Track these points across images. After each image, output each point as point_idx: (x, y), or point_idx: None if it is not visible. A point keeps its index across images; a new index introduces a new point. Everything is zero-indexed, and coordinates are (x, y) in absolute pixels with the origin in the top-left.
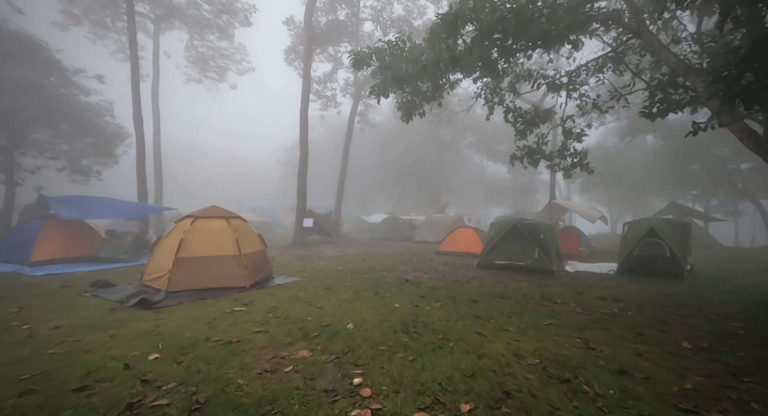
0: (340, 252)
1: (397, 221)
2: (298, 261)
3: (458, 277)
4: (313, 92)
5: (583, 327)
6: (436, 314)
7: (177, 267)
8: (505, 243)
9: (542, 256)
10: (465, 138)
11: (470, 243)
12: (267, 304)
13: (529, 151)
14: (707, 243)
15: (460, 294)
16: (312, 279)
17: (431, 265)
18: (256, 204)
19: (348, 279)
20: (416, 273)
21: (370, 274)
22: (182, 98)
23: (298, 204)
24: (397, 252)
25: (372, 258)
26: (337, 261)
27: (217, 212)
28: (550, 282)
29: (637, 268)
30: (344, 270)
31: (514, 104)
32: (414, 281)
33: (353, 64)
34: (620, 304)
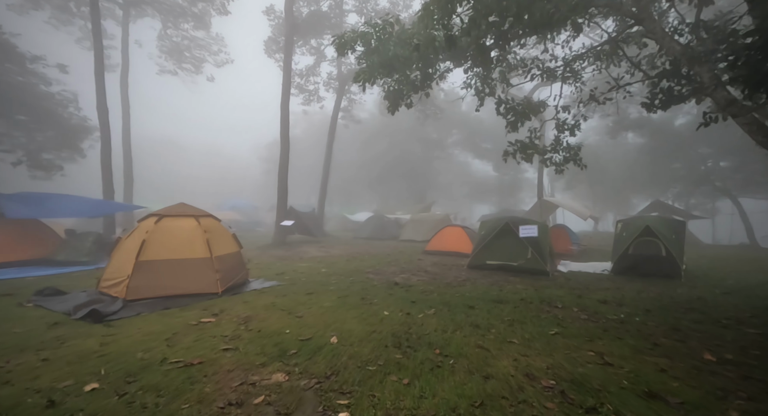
0: (324, 252)
1: (382, 219)
2: (278, 263)
3: (449, 279)
4: (295, 86)
5: (593, 337)
6: (431, 323)
7: (138, 273)
8: (496, 242)
9: (536, 256)
10: (451, 135)
11: (459, 243)
12: (240, 314)
13: (522, 145)
14: (689, 241)
15: (453, 299)
16: (292, 283)
17: (420, 266)
18: (236, 202)
19: (332, 282)
20: (405, 274)
21: (355, 277)
22: (158, 91)
23: (279, 202)
24: (384, 252)
25: (357, 259)
26: (320, 263)
27: (185, 210)
28: (546, 283)
29: (632, 268)
30: (328, 272)
31: (506, 95)
32: (403, 284)
33: (337, 49)
34: (625, 309)
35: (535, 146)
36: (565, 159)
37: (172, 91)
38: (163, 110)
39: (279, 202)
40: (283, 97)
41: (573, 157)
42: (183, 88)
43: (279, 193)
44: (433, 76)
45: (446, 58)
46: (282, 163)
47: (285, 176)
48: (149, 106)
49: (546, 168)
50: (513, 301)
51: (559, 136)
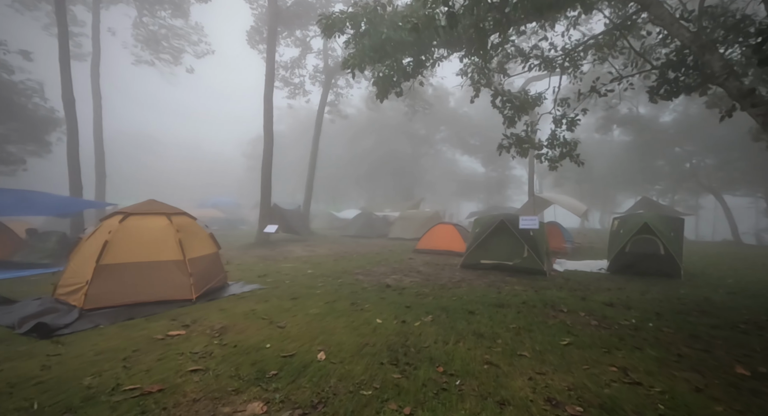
0: (310, 251)
1: (370, 217)
2: (260, 264)
3: (443, 280)
4: (279, 78)
5: (609, 347)
6: (429, 333)
7: (98, 278)
8: (491, 241)
9: (532, 255)
10: (439, 131)
11: (451, 241)
12: (214, 324)
13: (517, 139)
14: None
15: (451, 303)
16: (276, 286)
17: (411, 266)
18: (219, 199)
19: (318, 285)
20: (396, 275)
21: (344, 278)
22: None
23: (262, 199)
24: (372, 251)
25: (345, 259)
26: (305, 263)
27: (155, 207)
28: (545, 284)
29: (629, 266)
30: (314, 273)
31: (503, 87)
32: (395, 286)
33: (323, 31)
34: (634, 312)
35: (531, 140)
36: (561, 154)
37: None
38: (141, 103)
39: (262, 199)
40: (266, 89)
41: (569, 152)
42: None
43: (262, 190)
44: (426, 63)
45: (442, 43)
46: (265, 158)
47: (269, 172)
48: (125, 98)
49: (540, 163)
50: (515, 305)
51: (556, 130)
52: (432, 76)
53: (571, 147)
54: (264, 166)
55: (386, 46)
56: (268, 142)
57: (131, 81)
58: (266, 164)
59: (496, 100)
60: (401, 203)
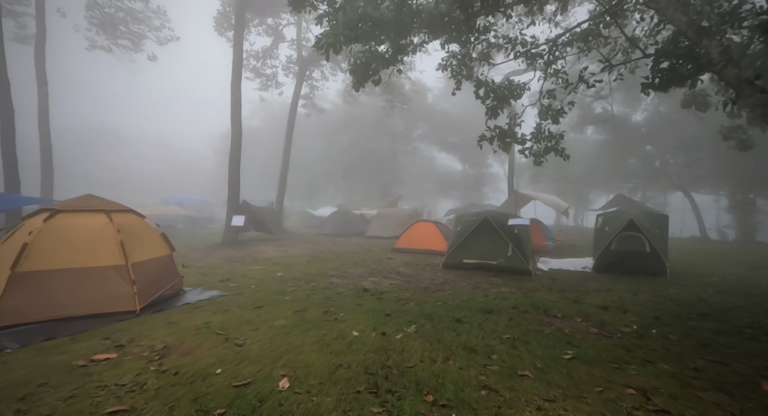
0: (282, 251)
1: (347, 215)
2: (225, 266)
3: (425, 282)
4: (251, 69)
5: (618, 361)
6: (414, 348)
7: (13, 289)
8: (474, 239)
9: (517, 254)
10: (417, 128)
11: (431, 240)
12: (156, 343)
13: (500, 132)
14: None
15: (435, 310)
16: (239, 292)
17: (390, 267)
18: (185, 196)
19: (288, 290)
20: (375, 277)
21: (317, 282)
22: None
23: (230, 195)
24: (349, 251)
25: (320, 259)
26: (276, 264)
27: (92, 203)
28: (533, 285)
29: (615, 264)
30: (285, 276)
31: (486, 77)
32: (374, 290)
33: (292, 4)
34: (631, 317)
35: (514, 134)
36: (546, 148)
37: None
38: (102, 96)
39: (230, 196)
40: (233, 77)
41: (554, 146)
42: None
43: (230, 186)
44: (407, 48)
45: (424, 23)
46: (233, 151)
47: (237, 166)
48: (84, 89)
49: (525, 158)
50: (505, 311)
51: (541, 123)
52: (411, 69)
53: (557, 140)
54: (232, 160)
55: (363, 23)
56: (236, 134)
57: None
58: (234, 158)
59: (479, 90)
60: (379, 201)
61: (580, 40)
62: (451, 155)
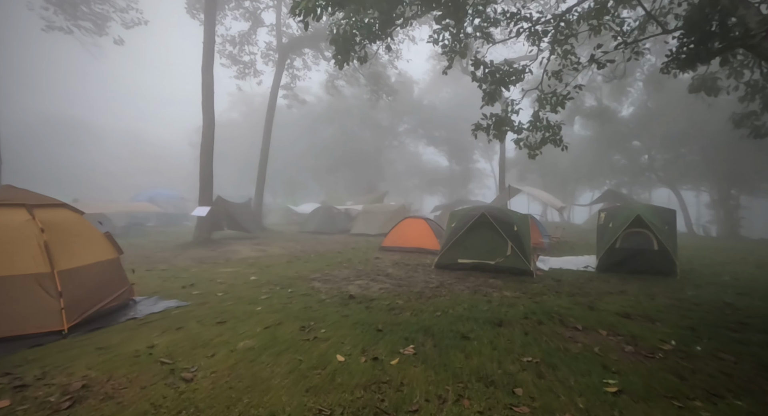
0: (259, 251)
1: (330, 211)
2: (193, 268)
3: (419, 286)
4: (227, 55)
5: (677, 395)
6: (415, 378)
7: None
8: (470, 237)
9: (517, 253)
10: (403, 122)
11: (422, 237)
12: (73, 380)
13: (497, 120)
14: None
15: (435, 322)
16: (202, 302)
17: (379, 268)
18: (157, 192)
19: (261, 298)
20: (362, 281)
21: (296, 287)
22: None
23: (202, 190)
24: (333, 250)
25: (300, 260)
26: (251, 266)
27: (9, 196)
28: (538, 288)
29: (619, 264)
30: (259, 280)
31: (484, 57)
32: (361, 297)
33: None
34: (661, 327)
35: (511, 122)
36: (542, 139)
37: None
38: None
39: (202, 191)
40: (204, 60)
41: (553, 136)
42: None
43: (202, 180)
44: (396, 21)
45: None
46: (206, 142)
47: (209, 158)
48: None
49: (519, 150)
50: (516, 321)
51: (539, 112)
52: (397, 58)
53: (555, 130)
54: (203, 152)
55: None
56: (208, 123)
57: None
58: (206, 149)
59: (477, 70)
60: (364, 196)
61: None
62: (437, 150)
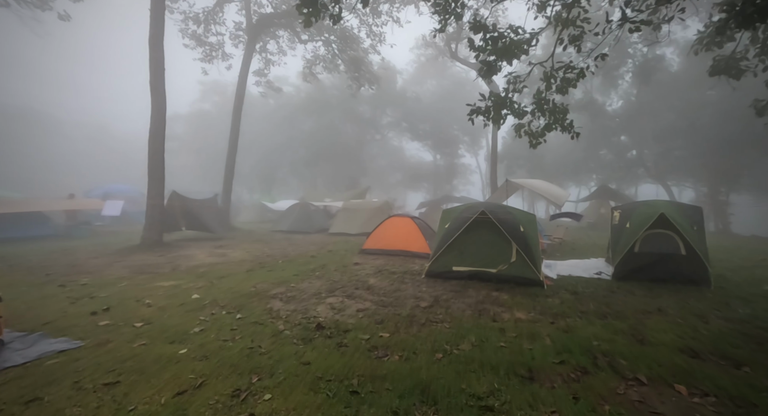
0: (218, 256)
1: (307, 208)
2: (123, 282)
3: (408, 305)
4: (190, 34)
5: None
6: None
7: None
8: (467, 240)
9: (524, 259)
10: (386, 115)
11: (408, 239)
12: None
13: (496, 101)
14: None
15: (436, 372)
16: (105, 339)
17: (358, 277)
18: (113, 187)
19: (192, 332)
20: (336, 297)
21: (248, 310)
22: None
23: (151, 183)
24: (307, 253)
25: (265, 268)
26: (200, 277)
27: None
28: (554, 304)
29: (640, 270)
30: (201, 300)
31: (485, 19)
32: (332, 326)
33: None
34: (756, 374)
35: (512, 103)
36: (547, 125)
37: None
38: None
39: (151, 184)
40: (152, 31)
41: (560, 120)
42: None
43: (151, 171)
44: None
45: None
46: (155, 126)
47: (160, 145)
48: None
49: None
50: (550, 369)
51: (545, 93)
52: (381, 42)
53: (562, 114)
54: (153, 138)
55: None
56: (158, 104)
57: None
58: (155, 135)
59: (477, 36)
60: (345, 193)
61: None
62: (421, 145)
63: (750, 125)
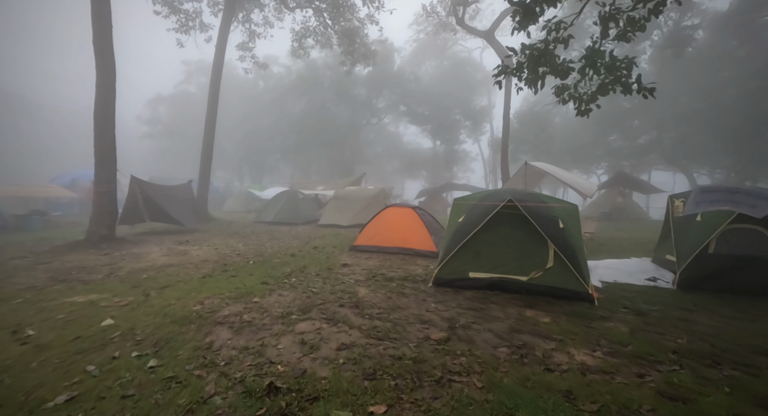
0: (177, 254)
1: (295, 197)
2: (21, 297)
3: (412, 336)
4: (161, 1)
5: None
6: None
7: None
8: (487, 238)
9: (564, 264)
10: (382, 96)
11: (410, 233)
12: None
13: (531, 54)
14: (637, 216)
15: None
16: None
17: (345, 287)
18: (82, 173)
19: (52, 404)
20: (308, 324)
21: (171, 352)
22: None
23: (99, 165)
24: (287, 250)
25: (228, 271)
26: (134, 288)
27: None
28: (622, 334)
29: (715, 277)
30: (112, 330)
31: None
32: (294, 388)
33: None
34: None
35: (554, 58)
36: (602, 85)
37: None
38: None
39: (99, 167)
40: None
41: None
42: None
43: (98, 150)
44: None
45: None
46: (102, 96)
47: (109, 121)
48: None
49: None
50: None
51: (600, 42)
52: (378, 8)
53: (625, 68)
54: (99, 112)
55: None
56: (105, 69)
57: None
58: (104, 108)
59: None
60: (339, 180)
61: None
62: (420, 130)
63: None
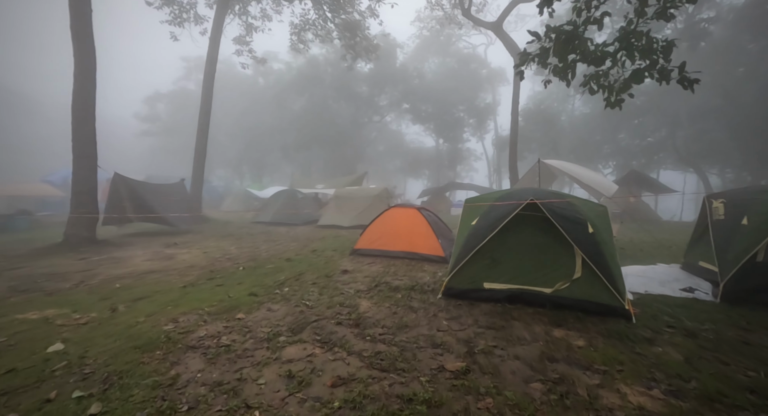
0: (162, 259)
1: (294, 197)
2: None
3: (423, 365)
4: None
5: None
6: None
7: None
8: (505, 243)
9: (595, 275)
10: (384, 93)
11: (415, 236)
12: None
13: (559, 36)
14: (648, 217)
15: None
16: None
17: (343, 299)
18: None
19: None
20: (299, 347)
21: (122, 393)
22: None
23: (77, 162)
24: (283, 253)
25: (214, 279)
26: (102, 300)
27: None
28: (677, 365)
29: (762, 290)
30: (57, 358)
31: None
32: None
33: None
34: None
35: (585, 42)
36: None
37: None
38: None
39: (77, 163)
40: None
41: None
42: None
43: (77, 145)
44: None
45: None
46: (81, 85)
47: (90, 111)
48: None
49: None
50: None
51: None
52: (380, 1)
53: (663, 52)
54: (77, 103)
55: None
56: (84, 56)
57: None
58: (83, 99)
59: None
60: (340, 179)
61: None
62: (423, 128)
63: None
